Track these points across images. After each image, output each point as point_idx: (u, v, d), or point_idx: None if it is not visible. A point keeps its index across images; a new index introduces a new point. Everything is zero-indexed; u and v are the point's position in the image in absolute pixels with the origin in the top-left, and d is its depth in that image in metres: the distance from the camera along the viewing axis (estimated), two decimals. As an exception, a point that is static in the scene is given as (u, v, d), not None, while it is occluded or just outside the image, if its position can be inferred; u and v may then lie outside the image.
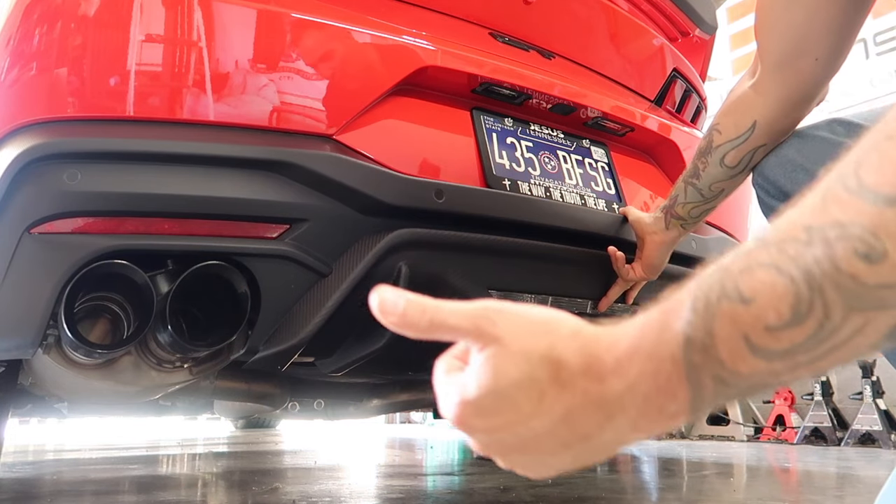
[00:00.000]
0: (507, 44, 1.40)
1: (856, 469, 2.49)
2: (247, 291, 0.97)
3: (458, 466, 2.64)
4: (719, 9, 4.67)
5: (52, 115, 0.93)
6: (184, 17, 0.99)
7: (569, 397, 0.40)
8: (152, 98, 0.96)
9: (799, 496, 1.81)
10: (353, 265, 1.03)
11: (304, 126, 1.03)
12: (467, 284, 1.14)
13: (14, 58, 0.97)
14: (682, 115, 1.77)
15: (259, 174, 0.98)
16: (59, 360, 1.01)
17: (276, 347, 1.04)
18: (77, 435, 5.09)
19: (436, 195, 1.08)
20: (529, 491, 1.77)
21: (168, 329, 0.94)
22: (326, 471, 2.37)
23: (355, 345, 1.15)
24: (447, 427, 5.56)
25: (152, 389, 1.11)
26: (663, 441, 4.08)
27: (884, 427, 3.40)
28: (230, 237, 0.98)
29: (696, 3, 1.80)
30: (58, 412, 1.92)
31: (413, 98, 1.18)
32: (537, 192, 1.23)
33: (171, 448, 3.63)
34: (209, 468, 2.55)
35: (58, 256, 0.90)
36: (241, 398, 1.65)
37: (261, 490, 1.84)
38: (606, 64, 1.59)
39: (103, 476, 2.29)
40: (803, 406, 3.93)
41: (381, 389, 2.03)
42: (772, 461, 2.85)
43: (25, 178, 0.89)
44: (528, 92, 1.29)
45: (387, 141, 1.11)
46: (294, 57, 1.04)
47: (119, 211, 0.92)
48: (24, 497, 1.79)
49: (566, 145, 1.37)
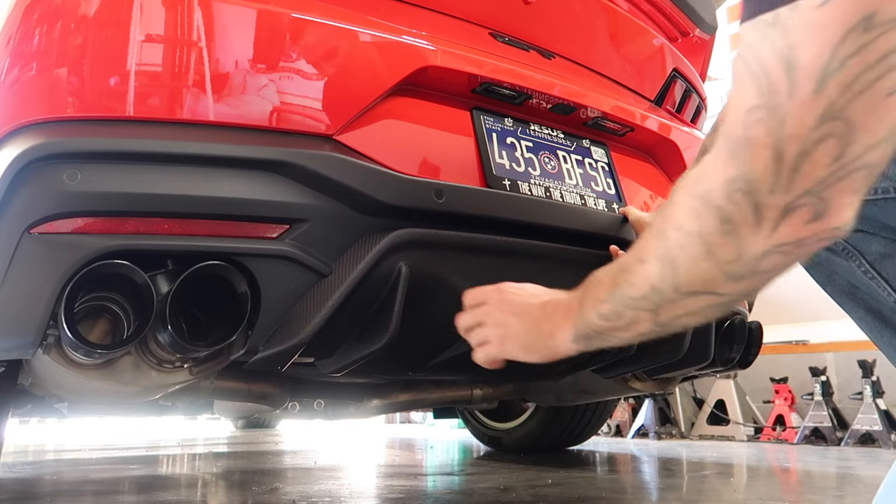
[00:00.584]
0: (507, 44, 1.40)
1: (856, 469, 2.49)
2: (247, 291, 0.97)
3: (458, 466, 2.64)
4: (719, 9, 4.67)
5: (52, 115, 0.93)
6: (184, 17, 0.99)
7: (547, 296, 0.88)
8: (152, 98, 0.96)
9: (799, 496, 1.81)
10: (353, 265, 1.03)
11: (304, 126, 1.03)
12: (467, 284, 1.14)
13: (14, 58, 0.97)
14: (682, 115, 1.77)
15: (259, 174, 0.98)
16: (59, 360, 1.01)
17: (276, 347, 1.04)
18: (77, 435, 5.09)
19: (436, 195, 1.08)
20: (529, 491, 1.77)
21: (168, 329, 0.94)
22: (326, 471, 2.37)
23: (355, 345, 1.15)
24: (447, 427, 5.56)
25: (152, 389, 1.11)
26: (663, 441, 4.08)
27: (884, 427, 3.40)
28: (230, 237, 0.98)
29: (696, 3, 1.80)
30: (58, 412, 1.92)
31: (413, 98, 1.18)
32: (537, 192, 1.23)
33: (171, 448, 3.63)
34: (209, 468, 2.55)
35: (58, 256, 0.90)
36: (241, 398, 1.65)
37: (261, 490, 1.84)
38: (606, 64, 1.59)
39: (103, 476, 2.29)
40: (803, 406, 3.93)
41: (381, 389, 2.03)
42: (772, 461, 2.85)
43: (25, 178, 0.89)
44: (528, 92, 1.29)
45: (387, 141, 1.11)
46: (294, 57, 1.04)
47: (119, 211, 0.92)
48: (24, 497, 1.79)
49: (566, 145, 1.37)
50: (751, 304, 1.79)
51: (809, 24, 0.49)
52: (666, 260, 0.65)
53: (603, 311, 0.75)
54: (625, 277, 0.71)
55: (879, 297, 0.85)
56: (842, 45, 0.48)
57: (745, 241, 0.57)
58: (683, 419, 4.35)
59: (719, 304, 0.67)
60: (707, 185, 0.58)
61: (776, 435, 3.97)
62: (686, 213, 0.61)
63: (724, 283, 0.62)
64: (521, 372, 1.73)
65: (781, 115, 0.51)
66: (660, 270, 0.66)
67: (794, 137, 0.51)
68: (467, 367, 1.14)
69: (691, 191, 0.60)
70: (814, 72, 0.49)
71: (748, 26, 0.53)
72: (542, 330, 0.84)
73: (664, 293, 0.67)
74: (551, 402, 2.32)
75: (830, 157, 0.51)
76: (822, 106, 0.49)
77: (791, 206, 0.54)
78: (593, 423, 2.74)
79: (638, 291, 0.69)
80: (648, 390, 1.99)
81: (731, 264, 0.60)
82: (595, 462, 2.68)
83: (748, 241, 0.57)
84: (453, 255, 1.12)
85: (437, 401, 2.18)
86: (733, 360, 1.67)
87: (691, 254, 0.62)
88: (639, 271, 0.68)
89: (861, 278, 0.84)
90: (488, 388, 2.23)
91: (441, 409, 3.13)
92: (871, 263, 0.82)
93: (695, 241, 0.61)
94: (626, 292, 0.71)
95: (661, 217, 0.66)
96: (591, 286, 0.78)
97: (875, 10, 0.47)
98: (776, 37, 0.51)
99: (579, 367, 1.63)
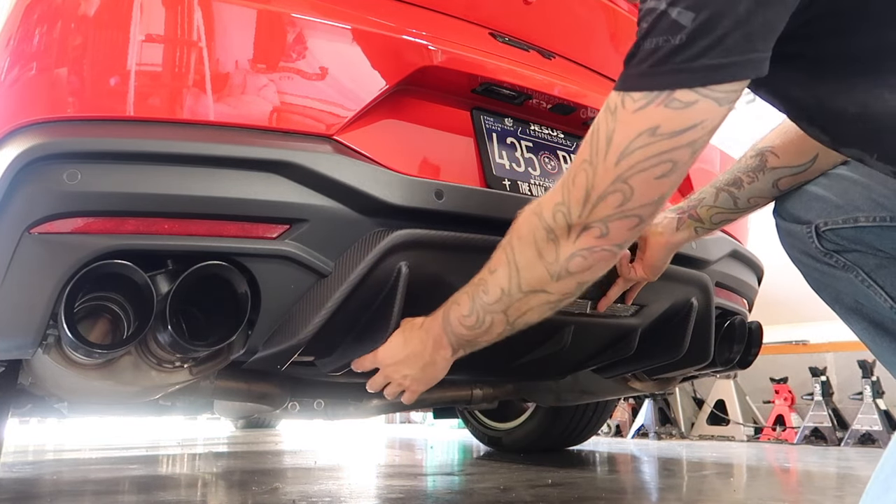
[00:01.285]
0: (507, 44, 1.40)
1: (856, 469, 2.49)
2: (247, 291, 0.97)
3: (458, 466, 2.64)
4: (719, 9, 4.65)
5: (53, 114, 0.93)
6: (184, 17, 0.99)
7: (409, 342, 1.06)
8: (152, 98, 0.96)
9: (799, 496, 1.81)
10: (353, 265, 1.03)
11: (305, 126, 1.03)
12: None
13: (14, 58, 0.97)
14: (682, 116, 1.77)
15: (259, 174, 0.98)
16: (59, 360, 1.01)
17: (276, 347, 1.04)
18: (77, 435, 5.09)
19: (436, 195, 1.08)
20: (529, 491, 1.77)
21: (168, 329, 0.94)
22: (326, 471, 2.37)
23: (355, 345, 1.15)
24: (447, 427, 5.56)
25: (152, 389, 1.11)
26: (663, 441, 4.08)
27: (884, 427, 3.41)
28: (230, 237, 0.97)
29: (696, 3, 1.80)
30: (58, 412, 1.92)
31: (413, 98, 1.18)
32: (537, 193, 1.23)
33: (171, 448, 3.63)
34: (209, 468, 2.55)
35: (58, 256, 0.90)
36: (241, 398, 1.65)
37: (261, 490, 1.84)
38: (606, 64, 1.59)
39: (103, 476, 2.29)
40: (803, 406, 3.93)
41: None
42: (772, 461, 2.85)
43: (25, 177, 0.89)
44: (529, 92, 1.29)
45: (387, 141, 1.11)
46: (294, 57, 1.04)
47: (119, 211, 0.92)
48: (24, 497, 1.79)
49: (566, 145, 1.37)
50: (751, 305, 1.79)
51: (625, 120, 0.75)
52: (511, 264, 0.91)
53: (468, 323, 0.98)
54: (481, 288, 0.95)
55: (878, 306, 0.97)
56: (637, 139, 0.75)
57: (560, 245, 0.86)
58: (683, 419, 4.35)
59: (550, 303, 0.93)
60: (542, 207, 0.87)
61: (776, 435, 3.97)
62: (526, 226, 0.89)
63: (550, 282, 0.89)
64: (521, 372, 1.73)
65: (595, 170, 0.79)
66: (507, 274, 0.91)
67: (597, 186, 0.79)
68: (467, 367, 1.14)
69: (532, 210, 0.89)
70: (618, 150, 0.76)
71: (606, 105, 0.78)
72: (426, 363, 1.07)
73: (512, 293, 0.92)
74: (551, 402, 2.32)
75: (616, 203, 0.79)
76: (618, 172, 0.77)
77: (588, 225, 0.83)
78: (593, 424, 2.74)
79: (492, 297, 0.93)
80: (648, 390, 1.99)
81: (552, 265, 0.87)
82: (595, 462, 2.68)
83: (562, 245, 0.86)
84: (453, 255, 1.12)
85: (437, 401, 2.18)
86: (733, 360, 1.67)
87: (528, 256, 0.89)
88: (490, 279, 0.94)
89: (860, 287, 0.97)
90: (488, 388, 2.23)
91: (441, 409, 3.13)
92: (868, 273, 0.98)
93: (530, 245, 0.88)
94: (483, 300, 0.95)
95: (508, 234, 0.92)
96: (451, 309, 1.00)
97: (659, 125, 0.73)
98: (609, 119, 0.77)
99: (579, 367, 1.64)
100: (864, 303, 0.97)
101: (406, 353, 1.07)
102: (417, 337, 1.06)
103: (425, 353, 1.05)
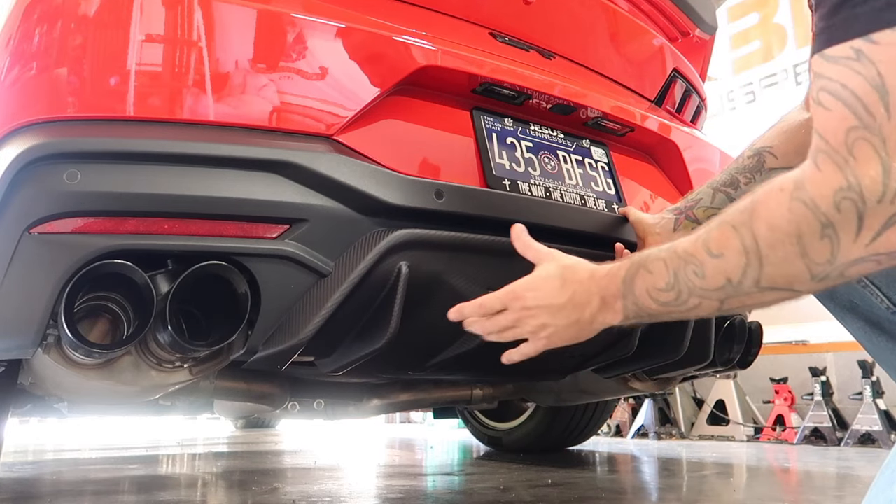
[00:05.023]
0: (507, 44, 1.40)
1: (856, 469, 2.49)
2: (247, 291, 0.97)
3: (457, 466, 2.64)
4: (719, 9, 4.67)
5: (52, 114, 0.93)
6: (184, 17, 0.99)
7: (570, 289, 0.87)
8: (152, 98, 0.96)
9: (799, 496, 1.81)
10: (353, 265, 1.03)
11: (304, 126, 1.03)
12: (467, 285, 1.14)
13: (14, 58, 0.97)
14: (682, 116, 1.77)
15: (259, 174, 0.98)
16: (59, 360, 1.01)
17: (276, 347, 1.04)
18: (77, 435, 5.09)
19: (436, 195, 1.08)
20: (529, 491, 1.77)
21: (168, 329, 0.94)
22: (326, 471, 2.37)
23: (355, 344, 1.15)
24: (447, 427, 5.56)
25: (152, 389, 1.11)
26: (663, 441, 4.08)
27: (884, 427, 3.40)
28: (230, 237, 0.97)
29: (696, 3, 1.80)
30: (58, 412, 1.92)
31: (413, 98, 1.18)
32: (537, 193, 1.23)
33: (171, 448, 3.63)
34: (209, 468, 2.55)
35: (57, 256, 0.90)
36: (241, 398, 1.65)
37: (261, 490, 1.84)
38: (606, 64, 1.59)
39: (103, 476, 2.29)
40: (803, 406, 3.93)
41: (381, 389, 2.03)
42: (772, 461, 2.85)
43: (25, 178, 0.89)
44: (528, 92, 1.29)
45: (387, 141, 1.11)
46: (294, 57, 1.04)
47: (119, 211, 0.92)
48: (24, 497, 1.79)
49: (566, 145, 1.37)
50: (751, 305, 1.79)
51: (893, 55, 0.57)
52: (752, 256, 0.68)
53: (663, 299, 0.79)
54: (692, 268, 0.75)
55: (874, 305, 0.92)
56: None
57: (842, 246, 0.62)
58: (683, 419, 4.35)
59: (787, 299, 0.72)
60: (812, 193, 0.62)
61: (776, 435, 3.97)
62: (784, 216, 0.65)
63: (807, 283, 0.67)
64: (521, 372, 1.73)
65: (883, 135, 0.58)
66: (743, 265, 0.69)
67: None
68: (467, 367, 1.14)
69: (791, 195, 0.64)
70: None
71: (825, 63, 0.61)
72: (582, 319, 0.87)
73: (742, 286, 0.71)
74: (551, 402, 2.32)
75: None
76: None
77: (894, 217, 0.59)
78: (593, 424, 2.74)
79: (711, 283, 0.73)
80: (648, 390, 1.99)
81: (821, 266, 0.65)
82: (595, 462, 2.68)
83: (846, 246, 0.62)
84: (453, 255, 1.12)
85: (437, 401, 2.18)
86: (733, 360, 1.67)
87: (784, 253, 0.66)
88: (711, 264, 0.72)
89: (854, 287, 0.90)
90: (488, 388, 2.23)
91: (441, 409, 3.13)
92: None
93: (791, 241, 0.65)
94: (695, 283, 0.75)
95: (742, 213, 0.69)
96: (639, 275, 0.81)
97: None
98: (862, 68, 0.58)
99: (579, 367, 1.63)
100: (860, 302, 0.95)
101: (563, 301, 0.87)
102: (584, 287, 0.87)
103: (586, 309, 0.86)
